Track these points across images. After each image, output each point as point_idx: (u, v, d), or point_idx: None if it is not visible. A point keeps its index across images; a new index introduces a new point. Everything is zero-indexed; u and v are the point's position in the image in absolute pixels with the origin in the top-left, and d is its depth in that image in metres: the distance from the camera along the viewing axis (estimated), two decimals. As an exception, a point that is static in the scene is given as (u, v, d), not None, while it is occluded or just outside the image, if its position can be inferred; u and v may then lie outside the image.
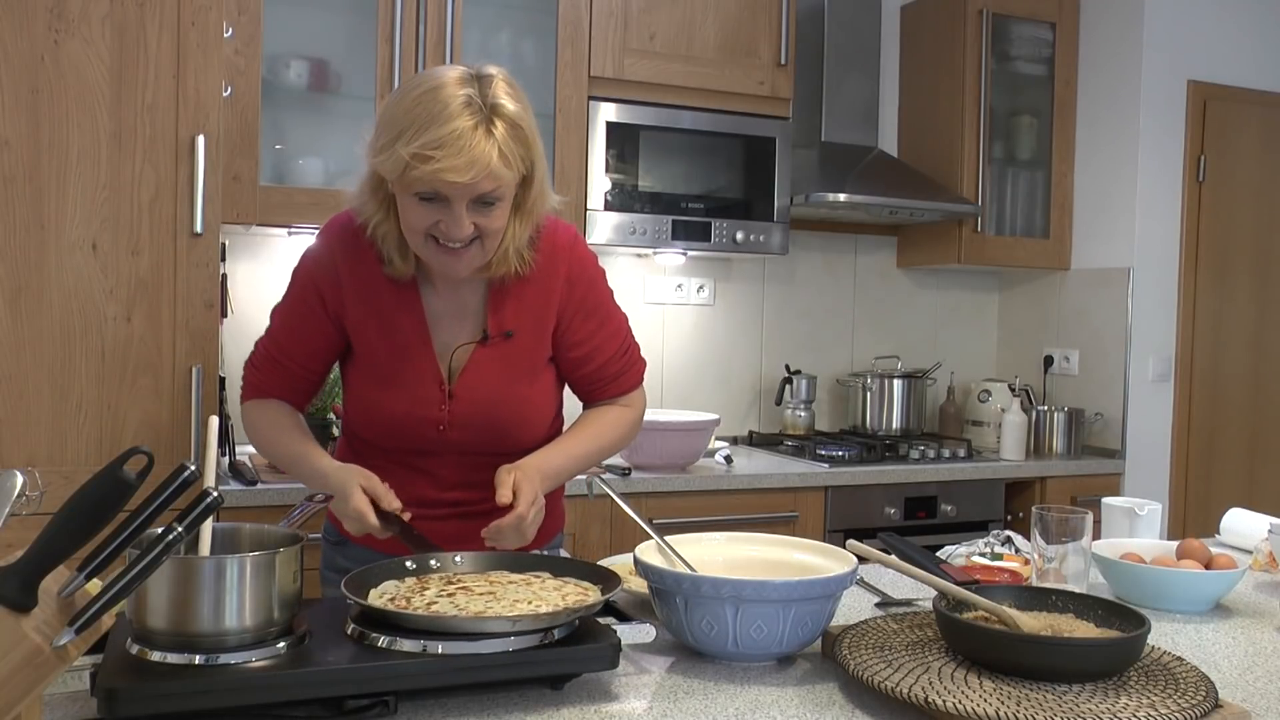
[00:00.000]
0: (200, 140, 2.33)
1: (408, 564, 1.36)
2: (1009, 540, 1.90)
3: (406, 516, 1.47)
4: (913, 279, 3.96)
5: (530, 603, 1.23)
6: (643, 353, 1.77)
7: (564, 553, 1.79)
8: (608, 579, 1.31)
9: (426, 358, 1.56)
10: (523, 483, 1.47)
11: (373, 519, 1.43)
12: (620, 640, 1.21)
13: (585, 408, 1.72)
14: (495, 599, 1.24)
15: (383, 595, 1.27)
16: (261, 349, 1.64)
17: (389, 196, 1.48)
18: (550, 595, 1.26)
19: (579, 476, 1.70)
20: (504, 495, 1.45)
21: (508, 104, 1.41)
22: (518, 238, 1.52)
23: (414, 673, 1.12)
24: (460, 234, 1.43)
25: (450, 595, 1.26)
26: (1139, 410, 3.60)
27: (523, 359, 1.60)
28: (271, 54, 2.76)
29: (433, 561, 1.38)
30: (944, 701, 1.10)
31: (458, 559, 1.39)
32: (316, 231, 1.64)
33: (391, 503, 1.45)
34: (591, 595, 1.27)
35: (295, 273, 1.63)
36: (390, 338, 1.56)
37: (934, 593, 1.34)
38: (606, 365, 1.67)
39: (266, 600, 1.12)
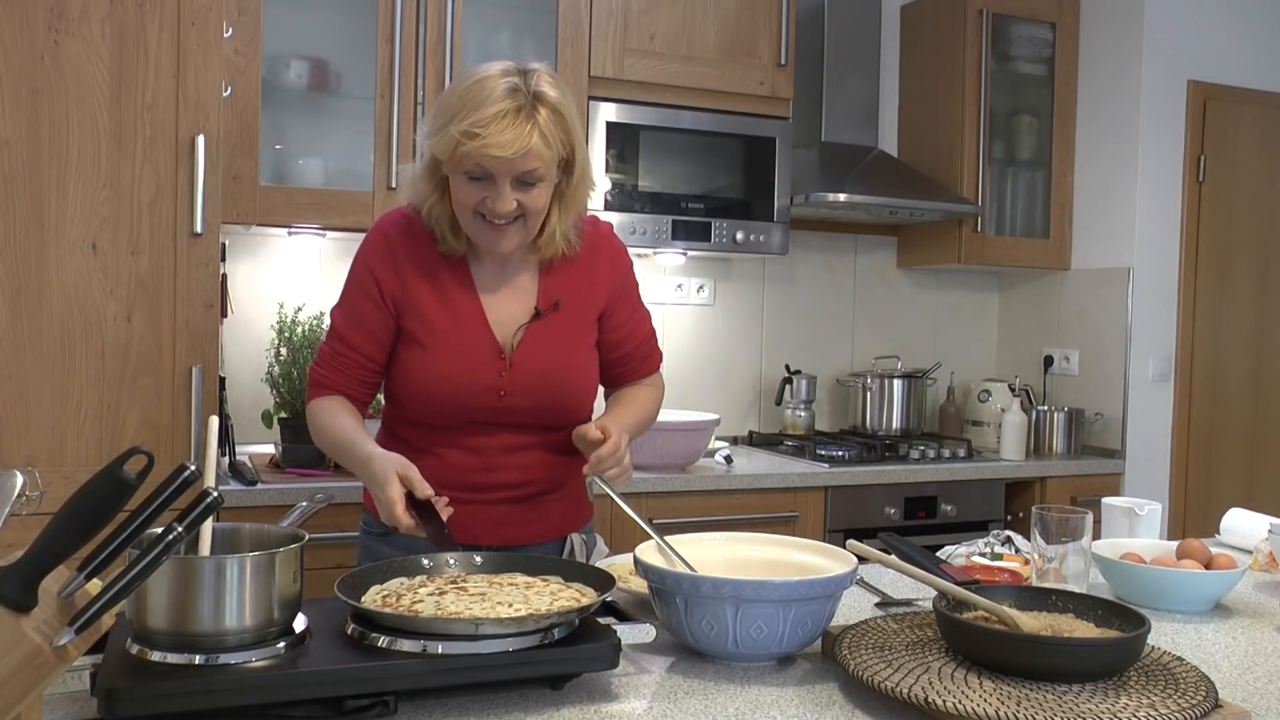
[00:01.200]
0: (200, 140, 2.33)
1: (424, 562, 1.37)
2: (1009, 540, 1.90)
3: (446, 512, 1.48)
4: (913, 279, 3.96)
5: (512, 605, 1.23)
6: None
7: (600, 540, 1.84)
8: (607, 584, 1.31)
9: (483, 331, 1.66)
10: (609, 422, 1.62)
11: (401, 511, 1.46)
12: (620, 640, 1.21)
13: (610, 392, 1.84)
14: (483, 600, 1.24)
15: (383, 593, 1.28)
16: (325, 349, 1.71)
17: (442, 179, 1.61)
18: (542, 599, 1.26)
19: (586, 482, 1.71)
20: (594, 432, 1.59)
21: (550, 91, 1.55)
22: (563, 221, 1.65)
23: (414, 673, 1.12)
24: (504, 209, 1.55)
25: (442, 594, 1.26)
26: (1139, 410, 3.60)
27: (571, 332, 1.71)
28: (271, 54, 2.76)
29: (450, 561, 1.39)
30: (944, 701, 1.10)
31: (477, 559, 1.40)
32: (369, 228, 1.73)
33: (425, 490, 1.48)
34: (585, 599, 1.27)
35: (352, 268, 1.71)
36: (447, 314, 1.66)
37: (934, 593, 1.34)
38: (639, 347, 1.81)
39: (266, 600, 1.12)
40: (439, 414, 1.66)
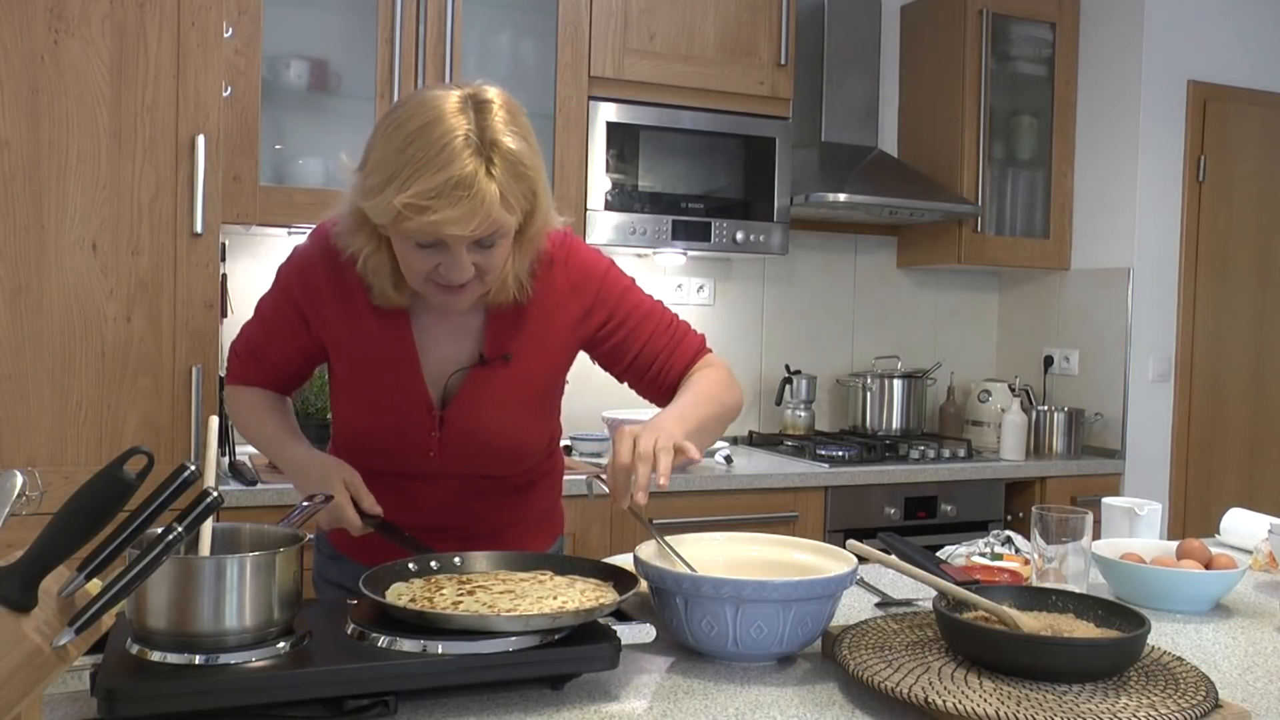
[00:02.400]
0: (200, 140, 2.33)
1: (410, 565, 1.36)
2: (1009, 540, 1.90)
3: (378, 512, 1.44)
4: (913, 279, 3.96)
5: (555, 598, 1.24)
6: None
7: None
8: (614, 575, 1.31)
9: (415, 382, 1.49)
10: (640, 436, 1.34)
11: (351, 514, 1.40)
12: (620, 640, 1.21)
13: (665, 400, 1.59)
14: (518, 596, 1.24)
15: (400, 597, 1.27)
16: (244, 339, 1.62)
17: (378, 231, 1.39)
18: (570, 593, 1.27)
19: (579, 476, 1.69)
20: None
21: (508, 141, 1.30)
22: (518, 265, 1.45)
23: (414, 673, 1.12)
24: (462, 278, 1.36)
25: (471, 594, 1.26)
26: (1139, 410, 3.60)
27: (523, 384, 1.52)
28: (271, 54, 2.76)
29: (432, 563, 1.38)
30: (944, 701, 1.10)
31: (456, 560, 1.39)
32: (314, 229, 1.58)
33: (373, 506, 1.42)
34: (606, 594, 1.27)
35: (277, 279, 1.57)
36: (375, 362, 1.49)
37: (934, 593, 1.34)
38: (653, 340, 1.58)
39: (266, 600, 1.12)
40: (370, 462, 1.52)
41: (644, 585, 1.52)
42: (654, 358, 1.58)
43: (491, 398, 1.50)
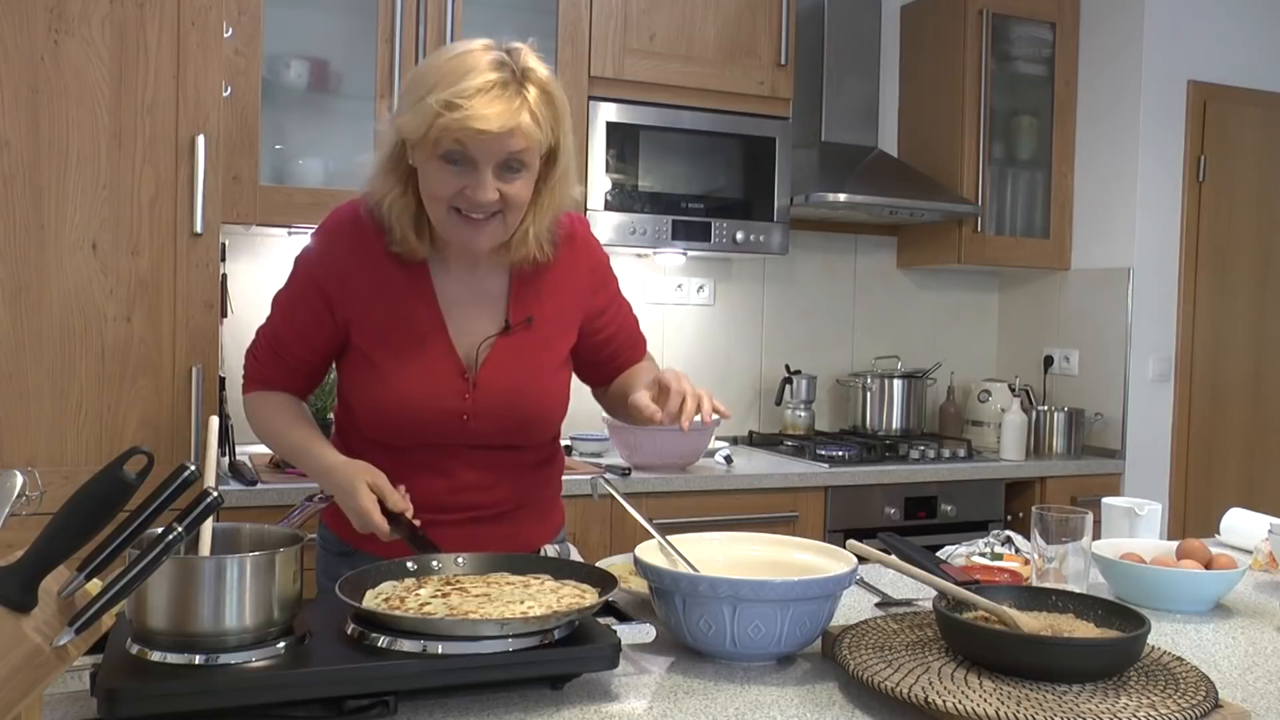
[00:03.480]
0: (200, 140, 2.33)
1: (409, 564, 1.36)
2: (1009, 540, 1.90)
3: (415, 521, 1.45)
4: (913, 279, 3.96)
5: (523, 603, 1.23)
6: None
7: (573, 549, 1.79)
8: (606, 581, 1.31)
9: (444, 347, 1.53)
10: (661, 376, 1.49)
11: (378, 518, 1.41)
12: (620, 640, 1.21)
13: (605, 390, 1.75)
14: (489, 600, 1.24)
15: (379, 596, 1.27)
16: (263, 340, 1.61)
17: (409, 171, 1.46)
18: (546, 598, 1.26)
19: (582, 477, 1.70)
20: (650, 395, 1.49)
21: (539, 69, 1.42)
22: (538, 221, 1.50)
23: (414, 673, 1.12)
24: (486, 197, 1.41)
25: (445, 596, 1.26)
26: (1139, 410, 3.60)
27: (544, 349, 1.58)
28: (271, 54, 2.76)
29: (434, 563, 1.38)
30: (944, 701, 1.10)
31: (459, 560, 1.39)
32: (314, 228, 1.60)
33: (398, 503, 1.43)
34: (589, 597, 1.27)
35: (296, 267, 1.58)
36: (404, 328, 1.52)
37: (934, 593, 1.34)
38: (628, 338, 1.72)
39: (266, 600, 1.12)
40: (396, 436, 1.55)
41: (637, 585, 1.52)
42: (620, 349, 1.71)
43: (519, 360, 1.55)
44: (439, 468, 1.56)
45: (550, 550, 1.66)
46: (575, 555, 1.73)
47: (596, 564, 1.71)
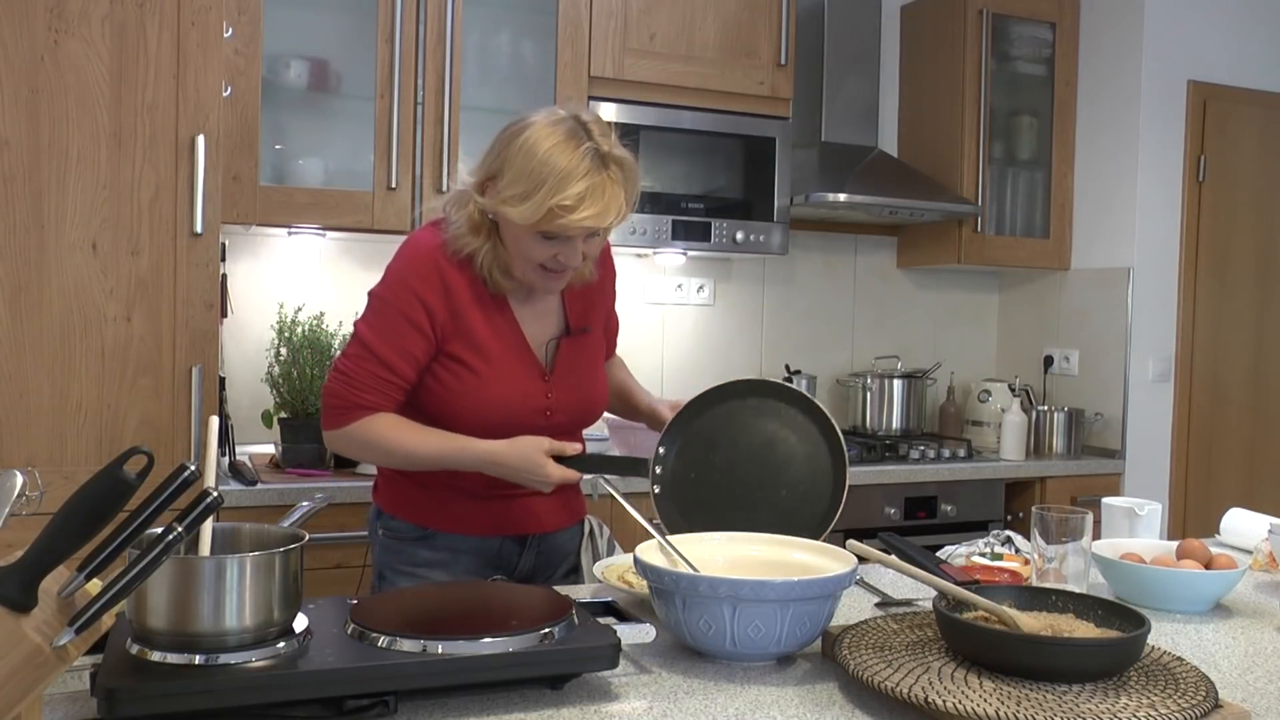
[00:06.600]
0: (200, 140, 2.33)
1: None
2: (1009, 540, 1.90)
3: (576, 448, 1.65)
4: (913, 279, 3.96)
5: None
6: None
7: (604, 526, 1.96)
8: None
9: (526, 351, 1.73)
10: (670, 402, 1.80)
11: (569, 473, 1.60)
12: (620, 640, 1.21)
13: None
14: None
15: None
16: (363, 371, 1.66)
17: (491, 227, 1.66)
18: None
19: (585, 476, 1.74)
20: (667, 411, 1.77)
21: (620, 152, 1.63)
22: (595, 255, 1.73)
23: (414, 673, 1.12)
24: (577, 264, 1.66)
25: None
26: (1139, 410, 3.60)
27: (594, 349, 1.83)
28: (271, 54, 2.76)
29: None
30: (944, 701, 1.10)
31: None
32: (402, 249, 1.72)
33: (572, 447, 1.62)
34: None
35: (390, 291, 1.68)
36: (495, 335, 1.71)
37: (934, 593, 1.34)
38: (613, 335, 1.97)
39: (266, 600, 1.12)
40: (490, 431, 1.67)
41: (638, 585, 1.52)
42: (610, 345, 1.95)
43: (580, 359, 1.79)
44: None
45: (594, 522, 1.92)
46: (606, 530, 1.96)
47: (596, 564, 1.71)
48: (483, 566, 1.76)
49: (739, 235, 3.19)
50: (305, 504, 1.45)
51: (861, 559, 1.40)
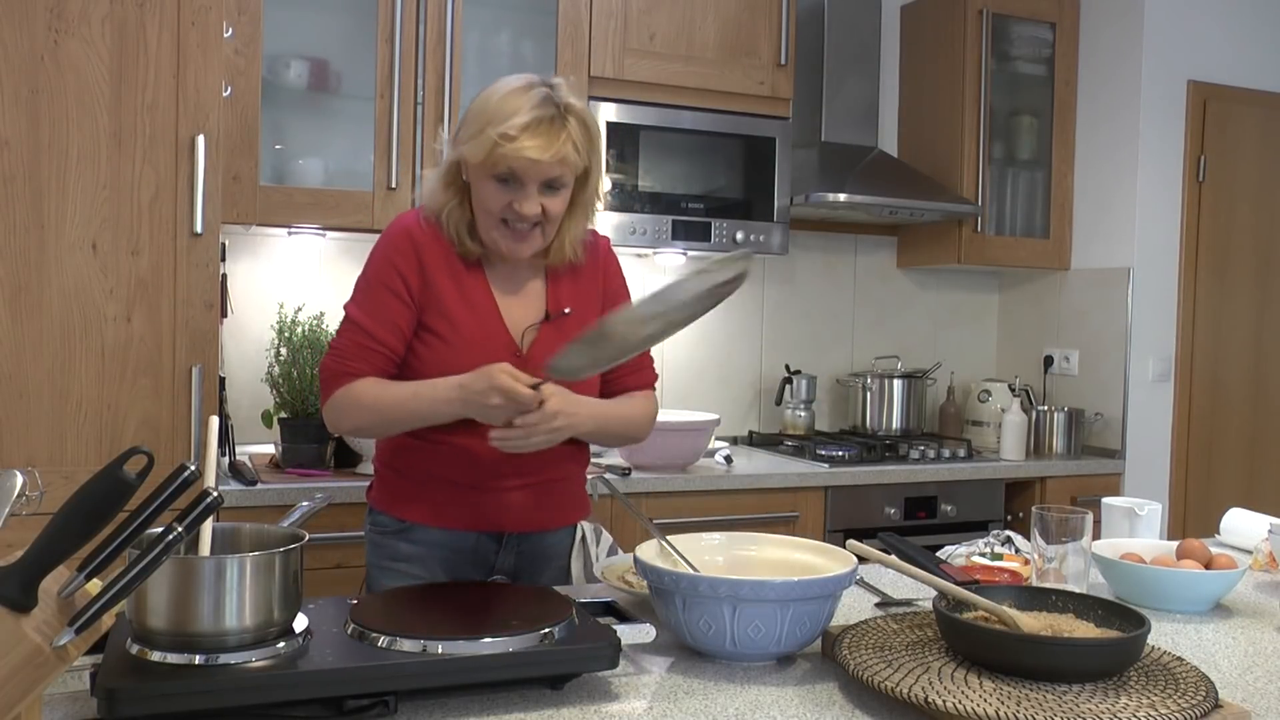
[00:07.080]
0: (200, 140, 2.33)
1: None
2: (1009, 540, 1.90)
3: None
4: (913, 279, 3.96)
5: None
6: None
7: (604, 531, 1.90)
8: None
9: (499, 326, 1.73)
10: (557, 395, 1.60)
11: (521, 389, 1.53)
12: (620, 640, 1.21)
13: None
14: None
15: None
16: (346, 342, 1.71)
17: (462, 185, 1.70)
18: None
19: (586, 476, 1.74)
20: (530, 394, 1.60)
21: (577, 103, 1.66)
22: (574, 230, 1.74)
23: (414, 673, 1.12)
24: (530, 211, 1.64)
25: None
26: (1139, 410, 3.60)
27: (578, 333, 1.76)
28: (271, 54, 2.76)
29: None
30: (944, 701, 1.10)
31: None
32: (384, 230, 1.76)
33: (530, 379, 1.56)
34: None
35: (373, 265, 1.73)
36: (468, 306, 1.72)
37: (934, 593, 1.34)
38: (637, 360, 1.82)
39: (266, 600, 1.12)
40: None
41: (638, 585, 1.52)
42: (625, 370, 1.79)
43: (560, 343, 1.69)
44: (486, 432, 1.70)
45: (588, 527, 1.86)
46: (606, 535, 1.90)
47: (595, 564, 1.71)
48: (460, 564, 1.75)
49: (739, 235, 3.19)
50: (305, 504, 1.45)
51: (861, 559, 1.40)
